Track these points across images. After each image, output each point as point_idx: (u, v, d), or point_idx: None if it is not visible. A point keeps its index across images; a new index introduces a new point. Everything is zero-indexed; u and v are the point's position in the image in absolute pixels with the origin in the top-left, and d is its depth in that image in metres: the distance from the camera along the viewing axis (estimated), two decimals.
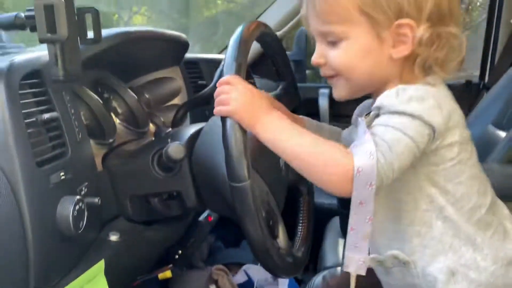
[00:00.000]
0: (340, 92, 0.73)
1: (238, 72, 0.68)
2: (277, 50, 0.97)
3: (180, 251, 1.18)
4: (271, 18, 1.99)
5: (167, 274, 1.19)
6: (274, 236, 0.74)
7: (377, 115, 0.66)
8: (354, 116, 0.87)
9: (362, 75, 0.69)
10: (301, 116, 0.93)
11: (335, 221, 1.49)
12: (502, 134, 1.52)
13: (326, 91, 2.03)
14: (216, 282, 1.37)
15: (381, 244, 0.75)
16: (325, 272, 1.15)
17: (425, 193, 0.69)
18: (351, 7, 0.65)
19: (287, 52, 2.53)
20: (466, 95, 2.12)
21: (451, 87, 2.20)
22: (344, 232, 1.27)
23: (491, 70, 2.08)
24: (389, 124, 0.64)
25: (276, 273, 0.73)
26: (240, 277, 1.41)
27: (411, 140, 0.62)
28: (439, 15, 0.66)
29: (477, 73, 2.21)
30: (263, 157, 0.80)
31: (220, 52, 2.09)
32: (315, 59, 0.71)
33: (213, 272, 1.38)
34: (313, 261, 1.37)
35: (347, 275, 0.73)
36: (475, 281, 0.69)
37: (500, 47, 2.04)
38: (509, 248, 0.72)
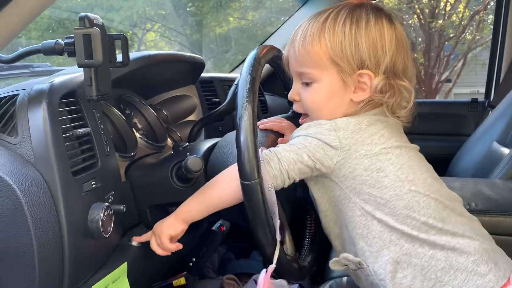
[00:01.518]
0: None
1: (252, 84, 0.77)
2: (289, 75, 1.05)
3: (194, 259, 1.23)
4: (281, 38, 2.08)
5: (182, 281, 1.25)
6: (281, 242, 0.81)
7: None
8: None
9: (325, 115, 0.82)
10: None
11: None
12: (506, 151, 1.56)
13: None
14: None
15: (338, 250, 0.87)
16: (332, 282, 1.20)
17: (354, 202, 0.80)
18: (323, 56, 0.80)
19: None
20: (473, 113, 2.17)
21: (458, 105, 2.26)
22: None
23: (496, 89, 2.14)
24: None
25: (282, 275, 0.79)
26: (250, 286, 1.46)
27: (297, 148, 0.78)
28: (394, 70, 0.80)
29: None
30: None
31: (232, 71, 2.17)
32: (291, 95, 0.87)
33: (224, 281, 1.44)
34: (321, 272, 1.42)
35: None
36: (418, 265, 0.79)
37: (504, 67, 2.09)
38: (445, 240, 0.79)
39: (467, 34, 8.25)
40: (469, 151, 1.81)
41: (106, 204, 0.75)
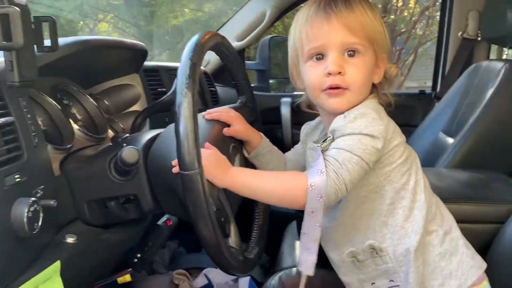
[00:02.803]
0: (343, 104, 0.82)
1: (192, 70, 0.72)
2: (236, 64, 1.02)
3: (139, 255, 1.19)
4: (233, 29, 2.05)
5: (127, 278, 1.21)
6: (226, 235, 0.78)
7: (333, 139, 0.79)
8: (302, 136, 1.01)
9: (363, 92, 0.83)
10: (259, 133, 0.99)
11: (293, 225, 1.54)
12: (451, 140, 1.62)
13: (288, 100, 2.07)
14: (177, 286, 1.39)
15: (358, 239, 0.86)
16: (281, 273, 1.19)
17: (386, 190, 0.82)
18: (369, 30, 0.81)
19: (251, 62, 2.57)
20: (420, 104, 2.23)
21: (407, 97, 2.31)
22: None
23: (442, 81, 2.20)
24: (340, 147, 0.76)
25: (226, 269, 0.76)
26: (200, 281, 1.43)
27: (360, 158, 0.75)
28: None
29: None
30: None
31: None
32: (336, 68, 0.80)
33: (174, 276, 1.41)
34: (273, 264, 1.41)
35: (301, 275, 0.81)
36: (435, 251, 0.84)
37: (449, 61, 2.15)
38: (448, 224, 0.87)
39: (418, 29, 8.52)
40: (417, 141, 1.86)
41: (33, 199, 0.69)
